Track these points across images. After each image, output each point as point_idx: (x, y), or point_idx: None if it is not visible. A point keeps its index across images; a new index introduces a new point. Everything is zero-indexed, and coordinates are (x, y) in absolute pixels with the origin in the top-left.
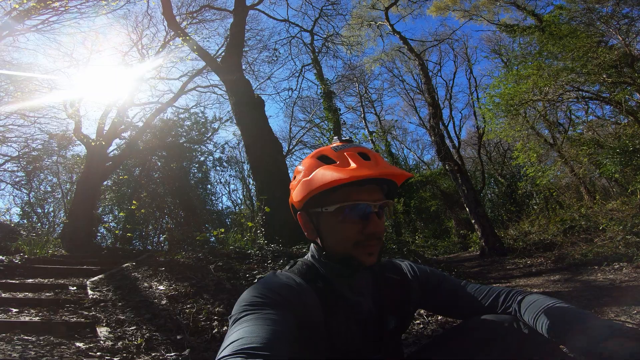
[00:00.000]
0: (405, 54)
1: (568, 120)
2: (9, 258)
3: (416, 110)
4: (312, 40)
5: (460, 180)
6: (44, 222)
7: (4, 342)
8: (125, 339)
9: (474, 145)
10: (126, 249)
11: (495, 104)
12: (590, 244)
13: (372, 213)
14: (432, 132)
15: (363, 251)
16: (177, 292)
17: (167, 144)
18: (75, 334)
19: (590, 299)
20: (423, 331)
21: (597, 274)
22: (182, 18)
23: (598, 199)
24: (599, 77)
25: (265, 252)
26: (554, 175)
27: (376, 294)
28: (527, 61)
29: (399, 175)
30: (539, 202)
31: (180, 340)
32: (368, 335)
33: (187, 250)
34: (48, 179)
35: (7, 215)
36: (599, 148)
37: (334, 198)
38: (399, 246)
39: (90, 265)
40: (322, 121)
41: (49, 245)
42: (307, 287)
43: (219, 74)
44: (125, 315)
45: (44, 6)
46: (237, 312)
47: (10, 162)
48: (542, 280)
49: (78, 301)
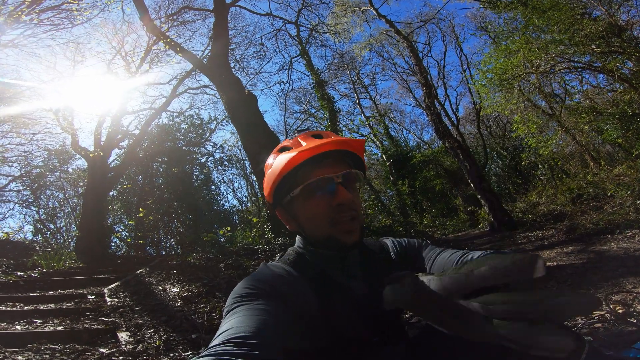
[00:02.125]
0: (393, 37)
1: (564, 90)
2: (27, 273)
3: (411, 92)
4: (298, 32)
5: (462, 156)
6: (58, 236)
7: (32, 351)
8: (144, 341)
9: (473, 122)
10: (140, 256)
11: (489, 80)
12: (601, 211)
13: (337, 184)
14: (428, 111)
15: (341, 229)
16: (190, 292)
17: (166, 149)
18: (98, 340)
19: (606, 271)
20: None
21: (610, 243)
22: (162, 22)
23: (604, 165)
24: (587, 47)
25: (273, 245)
26: (556, 145)
27: (367, 275)
28: (514, 36)
29: (351, 143)
30: (544, 172)
31: (196, 340)
32: (365, 318)
33: (198, 251)
34: (54, 194)
35: (21, 234)
36: (598, 115)
37: (298, 181)
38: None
39: (106, 274)
40: (318, 110)
41: (65, 258)
42: (299, 276)
43: (207, 74)
44: (143, 319)
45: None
46: (229, 305)
47: (15, 182)
48: (555, 253)
49: (97, 309)
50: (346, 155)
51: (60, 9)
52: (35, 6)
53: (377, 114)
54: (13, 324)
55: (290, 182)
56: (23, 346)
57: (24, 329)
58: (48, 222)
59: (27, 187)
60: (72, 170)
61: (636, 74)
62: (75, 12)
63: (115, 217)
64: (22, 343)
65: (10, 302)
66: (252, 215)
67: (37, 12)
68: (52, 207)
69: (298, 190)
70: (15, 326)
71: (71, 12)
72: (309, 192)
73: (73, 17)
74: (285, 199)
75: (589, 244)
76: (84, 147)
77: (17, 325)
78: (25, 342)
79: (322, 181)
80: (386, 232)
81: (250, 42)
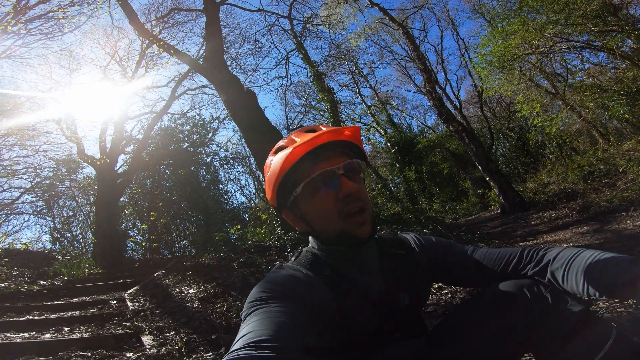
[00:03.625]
0: (388, 24)
1: (565, 69)
2: (50, 282)
3: (411, 78)
4: (292, 26)
5: (467, 139)
6: (75, 244)
7: None
8: (167, 344)
9: (476, 104)
10: (155, 258)
11: (488, 62)
12: (613, 188)
13: (340, 176)
14: (429, 96)
15: (353, 222)
16: (207, 293)
17: (171, 151)
18: (123, 345)
19: (623, 251)
20: (451, 301)
21: (626, 221)
22: (153, 25)
23: (613, 141)
24: (585, 27)
25: (284, 241)
26: (562, 123)
27: (384, 272)
28: (509, 17)
29: (344, 131)
30: (553, 150)
31: (215, 340)
32: (383, 315)
33: (211, 251)
34: (67, 203)
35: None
36: (602, 92)
37: (299, 179)
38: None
39: (125, 279)
40: (318, 103)
41: (84, 265)
42: (314, 277)
43: (204, 74)
44: (164, 322)
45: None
46: (247, 309)
47: (27, 194)
48: (570, 234)
49: (120, 314)
50: (345, 147)
51: (46, 18)
52: (21, 16)
53: (378, 103)
54: (42, 333)
55: (292, 181)
56: (55, 354)
57: (53, 337)
58: (64, 230)
59: (39, 198)
60: (81, 179)
61: (637, 51)
62: (62, 20)
63: (128, 221)
64: (54, 351)
65: (37, 311)
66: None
67: (24, 22)
68: (66, 216)
69: (300, 188)
70: (44, 335)
71: (58, 20)
72: (312, 189)
73: (61, 25)
74: (289, 200)
75: (604, 222)
76: (90, 155)
77: (47, 334)
78: (56, 350)
79: (324, 175)
80: (395, 220)
81: (244, 39)
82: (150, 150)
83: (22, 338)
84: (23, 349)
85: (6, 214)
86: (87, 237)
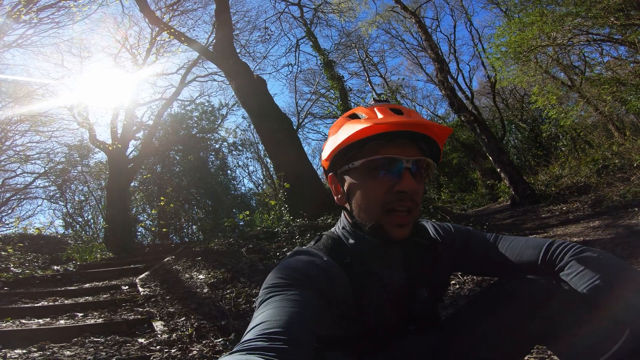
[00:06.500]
0: (399, 13)
1: (583, 62)
2: (63, 267)
3: (422, 67)
4: (302, 13)
5: (478, 130)
6: (87, 229)
7: (78, 345)
8: (177, 330)
9: (488, 95)
10: (165, 243)
11: (503, 53)
12: (627, 183)
13: (404, 169)
14: (441, 86)
15: (393, 221)
16: (216, 279)
17: (180, 137)
18: (135, 331)
19: (635, 246)
20: (460, 291)
21: (638, 217)
22: (163, 12)
23: (629, 135)
24: (606, 20)
25: (292, 227)
26: (577, 116)
27: (407, 265)
28: (527, 8)
29: (433, 128)
30: (566, 143)
31: (225, 326)
32: (401, 308)
33: (219, 237)
34: (79, 188)
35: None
36: (621, 86)
37: (362, 154)
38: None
39: (136, 264)
40: (328, 90)
41: (96, 250)
42: (334, 263)
43: (214, 62)
44: (175, 308)
45: (14, 21)
46: (262, 295)
47: (40, 179)
48: (581, 228)
49: (132, 299)
50: (423, 141)
51: (57, 7)
52: (32, 5)
53: (388, 91)
54: (57, 319)
55: (354, 152)
56: (69, 340)
57: (67, 323)
58: (76, 215)
59: (52, 182)
60: (93, 164)
61: None
62: (73, 8)
63: (138, 207)
64: (68, 337)
65: (51, 296)
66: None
67: (36, 11)
68: (78, 201)
69: (359, 163)
70: (59, 321)
71: (69, 8)
72: (371, 169)
73: (72, 13)
74: (343, 168)
75: (616, 217)
76: (102, 140)
77: (61, 320)
78: (70, 336)
79: (390, 161)
80: None
81: (254, 27)
82: (160, 136)
83: (37, 324)
84: (38, 335)
85: (20, 198)
86: (99, 222)
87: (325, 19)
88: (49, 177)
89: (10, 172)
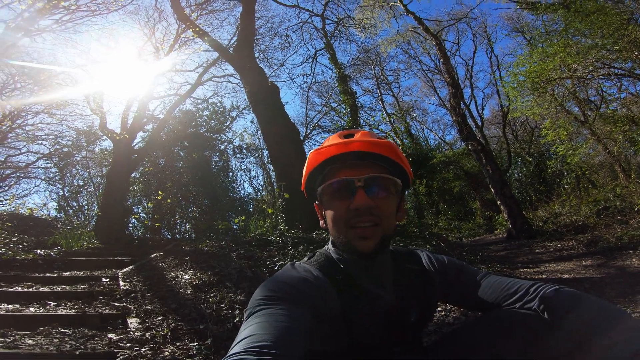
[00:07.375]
0: (420, 34)
1: (600, 97)
2: (47, 252)
3: (435, 91)
4: (323, 25)
5: (484, 160)
6: (79, 215)
7: (43, 335)
8: (152, 329)
9: (499, 124)
10: (155, 238)
11: (520, 82)
12: (626, 226)
13: (358, 188)
14: (453, 112)
15: (355, 234)
16: (201, 281)
17: (188, 134)
18: (107, 326)
19: (623, 287)
20: (445, 319)
21: (632, 259)
22: (192, 10)
23: (634, 178)
24: (631, 54)
25: (286, 238)
26: (585, 153)
27: (397, 286)
28: (552, 38)
29: (381, 145)
30: (570, 181)
31: (203, 330)
32: (389, 328)
33: (211, 238)
34: (80, 173)
35: (45, 210)
36: (633, 125)
37: (325, 178)
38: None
39: (123, 257)
40: (339, 105)
41: (84, 238)
42: (326, 280)
43: (232, 64)
44: (153, 306)
45: (54, 6)
46: (252, 307)
47: (43, 160)
48: (573, 266)
49: (110, 293)
50: (380, 159)
51: None
52: None
53: (398, 112)
54: (27, 306)
55: (319, 179)
56: (35, 329)
57: (37, 312)
58: (71, 200)
59: (54, 164)
60: (98, 151)
61: None
62: None
63: (135, 198)
64: (35, 326)
65: (27, 282)
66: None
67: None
68: (76, 185)
69: (320, 188)
70: (29, 308)
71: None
72: (331, 193)
73: (109, 3)
74: (315, 195)
75: (610, 258)
76: (111, 129)
77: (31, 307)
78: (38, 325)
79: (342, 183)
80: (400, 232)
81: (275, 33)
82: (168, 131)
83: (6, 310)
84: (3, 320)
85: (18, 176)
86: (92, 210)
87: (346, 32)
88: (52, 158)
89: (15, 149)
